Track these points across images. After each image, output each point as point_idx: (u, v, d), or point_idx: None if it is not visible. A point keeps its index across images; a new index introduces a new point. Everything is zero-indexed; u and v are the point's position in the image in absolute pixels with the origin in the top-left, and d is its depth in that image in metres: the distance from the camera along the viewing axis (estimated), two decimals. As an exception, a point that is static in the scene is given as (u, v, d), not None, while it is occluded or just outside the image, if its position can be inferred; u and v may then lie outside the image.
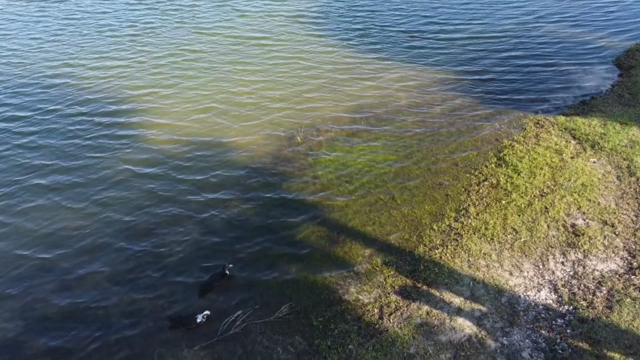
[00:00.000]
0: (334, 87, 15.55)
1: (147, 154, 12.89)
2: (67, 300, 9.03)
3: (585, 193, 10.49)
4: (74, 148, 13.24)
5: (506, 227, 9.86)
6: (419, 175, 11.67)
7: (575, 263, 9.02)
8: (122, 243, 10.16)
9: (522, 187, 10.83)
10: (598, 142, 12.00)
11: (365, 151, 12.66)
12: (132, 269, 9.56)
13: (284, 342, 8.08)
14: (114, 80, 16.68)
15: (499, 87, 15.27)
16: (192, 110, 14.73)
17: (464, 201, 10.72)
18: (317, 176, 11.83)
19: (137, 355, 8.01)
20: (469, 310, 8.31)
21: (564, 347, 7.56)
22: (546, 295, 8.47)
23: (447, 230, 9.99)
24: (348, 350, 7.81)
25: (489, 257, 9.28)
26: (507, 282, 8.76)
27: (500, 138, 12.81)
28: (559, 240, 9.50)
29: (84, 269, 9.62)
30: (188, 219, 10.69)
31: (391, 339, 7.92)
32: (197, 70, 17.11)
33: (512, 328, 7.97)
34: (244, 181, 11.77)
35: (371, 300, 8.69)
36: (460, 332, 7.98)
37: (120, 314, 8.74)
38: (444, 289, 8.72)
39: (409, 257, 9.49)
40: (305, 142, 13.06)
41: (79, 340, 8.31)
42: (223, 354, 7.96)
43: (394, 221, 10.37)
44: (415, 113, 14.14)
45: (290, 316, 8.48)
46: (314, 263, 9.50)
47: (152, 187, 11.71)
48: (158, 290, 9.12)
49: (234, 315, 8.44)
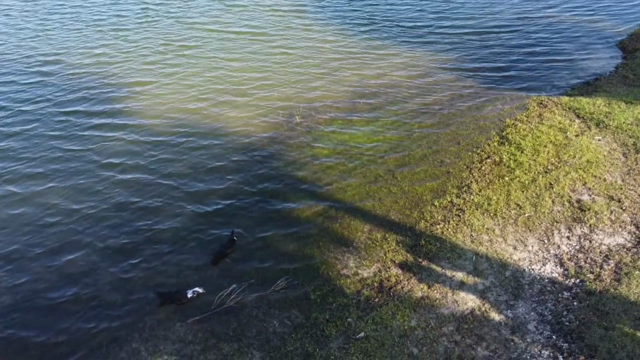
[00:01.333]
0: (334, 73, 15.21)
1: (143, 136, 12.57)
2: (56, 276, 8.72)
3: (590, 169, 10.21)
4: (68, 133, 12.93)
5: (509, 203, 9.58)
6: (420, 153, 11.38)
7: (582, 237, 8.74)
8: (114, 220, 9.85)
9: (525, 164, 10.55)
10: (603, 120, 11.72)
11: (365, 131, 12.37)
12: (124, 246, 9.25)
13: (280, 316, 7.79)
14: (109, 70, 16.38)
15: (501, 71, 14.96)
16: (189, 96, 14.40)
17: (465, 178, 10.44)
18: (316, 154, 11.54)
19: (128, 329, 7.71)
20: (471, 284, 8.03)
21: (571, 319, 7.28)
22: (552, 269, 8.19)
23: (448, 206, 9.70)
24: (347, 324, 7.52)
25: (492, 232, 9.00)
26: (511, 257, 8.47)
27: (503, 118, 12.52)
28: (564, 215, 9.22)
29: (74, 245, 9.31)
30: (182, 197, 10.38)
31: (391, 312, 7.63)
32: (192, 58, 16.79)
33: (517, 301, 7.69)
34: (240, 159, 11.48)
35: (370, 275, 8.40)
36: (463, 305, 7.69)
37: (112, 289, 8.43)
38: (445, 263, 8.43)
39: (409, 232, 9.20)
40: (304, 122, 12.77)
41: (68, 315, 8.00)
42: (217, 327, 7.66)
43: (394, 198, 10.08)
44: (416, 95, 13.85)
45: (287, 290, 8.19)
46: (312, 238, 9.21)
47: (147, 166, 11.41)
48: (150, 266, 8.82)
49: (229, 289, 8.14)
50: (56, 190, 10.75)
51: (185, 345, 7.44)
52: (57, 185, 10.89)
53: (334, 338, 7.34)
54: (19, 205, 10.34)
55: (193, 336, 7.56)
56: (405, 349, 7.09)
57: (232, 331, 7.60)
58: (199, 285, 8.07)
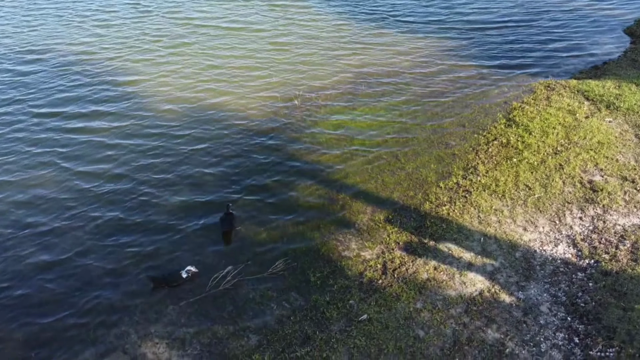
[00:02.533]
0: (334, 61, 14.78)
1: (139, 119, 12.17)
2: (45, 256, 8.31)
3: (602, 150, 9.80)
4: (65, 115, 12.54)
5: (518, 184, 9.17)
6: (424, 136, 10.97)
7: (595, 218, 8.32)
8: (106, 204, 9.44)
9: (534, 145, 10.14)
10: (613, 102, 11.32)
11: (367, 114, 11.97)
12: (116, 229, 8.83)
13: (278, 298, 7.37)
14: (105, 59, 16.01)
15: (506, 58, 14.53)
16: (186, 85, 14.02)
17: (472, 160, 10.03)
18: (316, 137, 11.14)
19: (117, 313, 7.29)
20: (480, 265, 7.61)
21: (587, 300, 6.86)
22: (564, 250, 7.78)
23: (454, 188, 9.29)
24: (349, 306, 7.11)
25: (500, 213, 8.59)
26: (521, 238, 8.06)
27: (509, 101, 12.12)
28: (576, 196, 8.81)
29: (64, 225, 8.91)
30: (178, 178, 9.98)
31: (396, 294, 7.21)
32: (189, 49, 16.41)
33: (529, 282, 7.27)
34: (238, 141, 11.08)
35: (373, 257, 7.99)
36: (471, 287, 7.28)
37: (101, 271, 8.01)
38: (452, 245, 8.02)
39: (414, 214, 8.79)
40: (304, 105, 12.37)
41: (54, 298, 7.57)
42: (211, 310, 7.24)
43: (398, 179, 9.67)
44: (420, 79, 13.45)
45: (285, 272, 7.77)
46: (311, 221, 8.80)
47: (141, 147, 11.01)
48: (142, 247, 8.40)
49: (224, 271, 7.73)
50: (46, 174, 10.34)
51: (178, 328, 7.02)
52: (47, 168, 10.49)
53: (335, 320, 6.92)
54: (7, 185, 9.94)
55: (186, 319, 7.14)
56: (410, 331, 6.67)
57: (227, 314, 7.18)
58: (191, 264, 7.66)
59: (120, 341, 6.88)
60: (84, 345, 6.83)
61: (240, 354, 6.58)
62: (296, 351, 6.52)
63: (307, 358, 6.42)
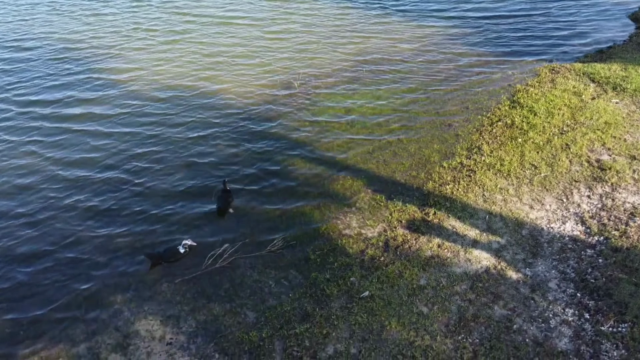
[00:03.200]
0: (335, 45, 14.58)
1: (135, 107, 11.92)
2: (37, 234, 8.06)
3: (609, 130, 9.55)
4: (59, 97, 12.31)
5: (524, 164, 8.91)
6: (426, 117, 10.73)
7: (603, 196, 8.07)
8: (99, 182, 9.20)
9: (539, 126, 9.89)
10: (620, 84, 11.07)
11: (367, 96, 11.72)
12: (109, 206, 8.61)
13: (276, 276, 7.12)
14: (101, 43, 15.77)
15: (510, 42, 14.27)
16: (184, 68, 13.80)
17: (476, 140, 9.78)
18: (316, 119, 10.89)
19: (110, 291, 7.04)
20: (485, 243, 7.36)
21: (597, 277, 6.60)
22: (572, 227, 7.52)
23: (458, 167, 9.04)
24: (350, 283, 6.85)
25: (506, 191, 8.33)
26: (528, 215, 7.81)
27: (513, 83, 11.88)
28: (584, 174, 8.56)
29: (56, 204, 8.66)
30: (174, 163, 9.72)
31: (398, 271, 6.96)
32: (187, 31, 16.18)
33: (536, 259, 7.02)
34: (236, 123, 10.83)
35: (375, 235, 7.73)
36: (476, 264, 7.02)
37: (94, 249, 7.76)
38: (456, 223, 7.77)
39: (416, 193, 8.54)
40: (303, 88, 12.12)
41: (45, 276, 7.31)
42: (207, 288, 6.99)
43: (400, 160, 9.42)
44: (421, 63, 13.22)
45: (284, 250, 7.52)
46: (311, 200, 8.55)
47: (138, 128, 10.79)
48: (136, 226, 8.16)
49: (220, 249, 7.47)
50: (39, 153, 10.10)
51: (173, 305, 6.76)
52: (40, 147, 10.25)
53: (335, 297, 6.67)
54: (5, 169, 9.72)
55: (181, 297, 6.89)
56: (414, 307, 6.42)
57: (224, 292, 6.93)
58: (188, 238, 7.41)
59: (112, 319, 6.62)
60: (74, 322, 6.58)
61: (237, 330, 6.33)
62: (295, 328, 6.27)
63: (307, 334, 6.17)
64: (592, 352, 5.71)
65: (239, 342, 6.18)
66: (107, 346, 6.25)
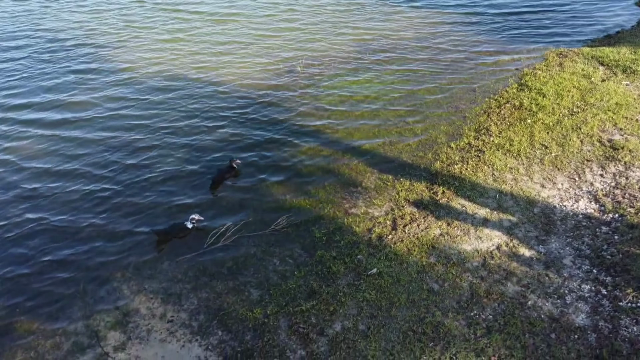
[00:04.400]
0: (339, 27, 14.40)
1: (137, 85, 11.73)
2: (37, 215, 7.82)
3: (620, 111, 9.33)
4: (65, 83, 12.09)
5: (534, 144, 8.69)
6: (433, 100, 10.51)
7: (617, 175, 7.84)
8: (102, 160, 8.99)
9: (548, 107, 9.67)
10: (630, 66, 10.85)
11: (372, 80, 11.50)
12: (111, 185, 8.39)
13: (281, 254, 6.89)
14: (102, 30, 15.56)
15: (516, 27, 14.08)
16: (187, 51, 13.59)
17: (484, 122, 9.56)
18: (320, 102, 10.67)
19: (109, 269, 6.81)
20: (496, 221, 7.13)
21: (613, 253, 6.38)
22: (586, 205, 7.29)
23: (466, 148, 8.82)
24: (357, 260, 6.62)
25: (516, 171, 8.11)
26: (539, 194, 7.58)
27: (520, 67, 11.66)
28: (595, 154, 8.33)
29: (56, 187, 8.44)
30: (177, 142, 9.51)
31: (407, 249, 6.74)
32: (190, 17, 15.98)
33: (549, 237, 6.79)
34: (240, 107, 10.61)
35: (382, 214, 7.51)
36: (487, 242, 6.80)
37: (94, 230, 7.52)
38: (466, 201, 7.54)
39: (424, 172, 8.32)
40: (307, 72, 11.90)
41: (43, 254, 7.08)
42: (209, 266, 6.76)
43: (406, 141, 9.20)
44: (426, 48, 13.00)
45: (289, 229, 7.29)
46: (316, 180, 8.32)
47: (139, 112, 10.56)
48: (137, 207, 7.92)
49: (223, 227, 7.25)
50: (45, 145, 9.89)
51: (174, 284, 6.54)
52: (42, 127, 10.05)
53: (342, 275, 6.44)
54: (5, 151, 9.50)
55: (183, 275, 6.66)
56: (424, 284, 6.20)
57: (227, 270, 6.70)
58: (195, 212, 7.18)
59: (111, 297, 6.40)
60: (72, 300, 6.36)
61: (241, 308, 6.11)
62: (301, 305, 6.04)
63: (313, 311, 5.95)
64: (611, 327, 5.48)
65: (243, 319, 5.96)
66: (107, 324, 6.03)
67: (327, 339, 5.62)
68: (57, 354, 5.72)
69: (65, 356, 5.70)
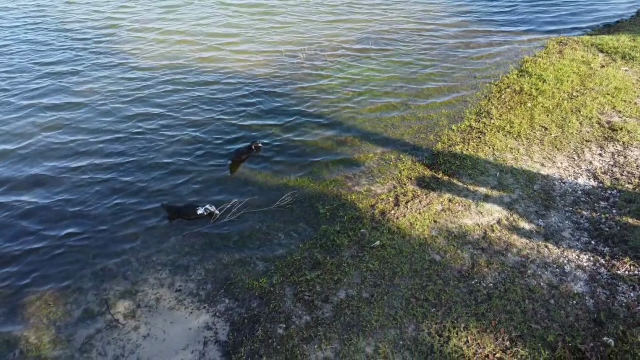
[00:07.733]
0: (341, 14, 14.54)
1: (137, 74, 11.87)
2: (43, 187, 7.98)
3: (619, 95, 9.47)
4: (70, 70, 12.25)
5: (534, 125, 8.84)
6: (434, 86, 10.65)
7: (615, 154, 7.99)
8: (103, 145, 9.13)
9: (548, 92, 9.81)
10: (629, 53, 11.00)
11: (374, 67, 11.64)
12: (120, 160, 8.54)
13: (286, 229, 7.04)
14: (106, 16, 15.72)
15: (516, 17, 14.22)
16: (189, 42, 13.74)
17: (484, 105, 9.71)
18: (322, 88, 10.81)
19: (118, 242, 6.95)
20: (497, 197, 7.28)
21: (611, 225, 6.53)
22: (585, 182, 7.44)
23: (467, 130, 8.97)
24: (360, 234, 6.77)
25: (516, 151, 8.25)
26: (539, 172, 7.72)
27: (521, 54, 11.80)
28: (594, 135, 8.48)
29: (61, 165, 8.59)
30: (180, 126, 9.65)
31: (409, 223, 6.88)
32: (190, 12, 16.13)
33: (549, 211, 6.93)
34: (241, 94, 10.75)
35: (385, 191, 7.65)
36: (488, 216, 6.94)
37: (102, 203, 7.67)
38: (467, 179, 7.68)
39: (426, 153, 8.47)
40: (309, 60, 12.05)
41: (51, 227, 7.22)
42: (215, 240, 6.91)
43: (408, 123, 9.35)
44: (427, 36, 13.15)
45: (293, 205, 7.44)
46: (319, 159, 8.47)
47: (141, 100, 10.70)
48: (144, 182, 8.08)
49: (229, 204, 7.40)
50: (54, 121, 10.04)
51: (181, 256, 6.68)
52: (54, 112, 10.20)
53: (346, 247, 6.58)
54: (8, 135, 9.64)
55: (190, 248, 6.81)
56: (426, 255, 6.34)
57: (233, 243, 6.85)
58: (212, 205, 7.29)
59: (120, 268, 6.55)
60: (81, 271, 6.50)
61: (247, 278, 6.25)
62: (306, 275, 6.19)
63: (318, 280, 6.09)
64: (609, 293, 5.62)
65: (249, 289, 6.10)
66: (116, 292, 6.18)
67: (332, 306, 5.77)
68: (68, 320, 5.87)
69: (76, 323, 5.84)
